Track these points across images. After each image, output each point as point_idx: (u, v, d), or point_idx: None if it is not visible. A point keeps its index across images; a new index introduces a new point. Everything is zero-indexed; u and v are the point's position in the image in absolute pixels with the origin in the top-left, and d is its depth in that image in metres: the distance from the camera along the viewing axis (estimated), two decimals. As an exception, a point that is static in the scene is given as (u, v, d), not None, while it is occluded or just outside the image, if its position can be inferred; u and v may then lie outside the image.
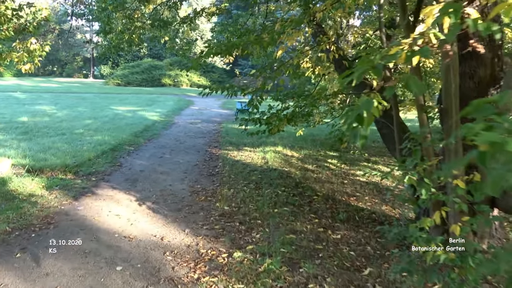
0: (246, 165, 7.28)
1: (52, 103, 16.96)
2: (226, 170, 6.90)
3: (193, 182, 6.18)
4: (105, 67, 42.98)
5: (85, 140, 8.83)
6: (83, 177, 6.23)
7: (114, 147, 8.33)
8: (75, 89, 26.84)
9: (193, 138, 10.19)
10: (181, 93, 27.58)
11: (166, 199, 5.31)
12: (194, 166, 7.22)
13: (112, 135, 9.55)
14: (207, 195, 5.53)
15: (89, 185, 5.78)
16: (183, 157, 7.98)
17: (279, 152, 8.43)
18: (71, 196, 5.23)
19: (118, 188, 5.72)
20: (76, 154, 7.45)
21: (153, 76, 33.64)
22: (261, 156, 8.02)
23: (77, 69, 48.71)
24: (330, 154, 8.68)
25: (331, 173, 7.05)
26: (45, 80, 37.23)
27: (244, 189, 5.79)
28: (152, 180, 6.23)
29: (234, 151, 8.50)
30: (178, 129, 11.75)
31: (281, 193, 5.56)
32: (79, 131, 10.04)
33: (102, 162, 7.14)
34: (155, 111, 15.31)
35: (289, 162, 7.55)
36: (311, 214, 4.85)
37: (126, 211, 4.82)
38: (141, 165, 7.15)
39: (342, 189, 6.05)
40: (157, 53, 42.77)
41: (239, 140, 9.73)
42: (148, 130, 11.04)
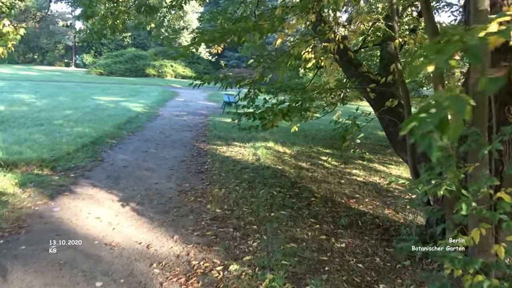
0: (237, 162, 6.86)
1: (31, 92, 16.14)
2: (216, 167, 6.47)
3: (181, 180, 5.74)
4: (87, 56, 41.68)
5: (64, 132, 8.26)
6: (61, 173, 5.72)
7: (95, 140, 7.80)
8: (56, 78, 25.82)
9: (179, 132, 9.71)
10: (165, 84, 26.86)
11: (152, 200, 4.86)
12: (181, 162, 6.76)
13: (94, 127, 9.00)
14: (196, 195, 5.11)
15: (67, 182, 5.28)
16: (169, 152, 7.51)
17: (270, 148, 8.04)
18: (46, 195, 4.73)
19: (99, 186, 5.24)
20: (54, 147, 6.90)
21: (137, 66, 32.69)
22: (252, 152, 7.62)
23: (58, 57, 47.11)
24: (323, 151, 8.34)
25: (327, 171, 6.71)
26: (25, 68, 35.83)
27: (237, 189, 5.38)
28: (136, 177, 5.77)
29: (223, 146, 8.07)
30: (163, 121, 11.23)
31: (276, 194, 5.18)
32: (59, 122, 9.44)
33: (82, 156, 6.62)
34: (139, 102, 14.70)
35: (282, 159, 7.17)
36: (310, 219, 4.48)
37: (108, 213, 4.37)
38: (124, 160, 6.66)
39: (340, 190, 5.70)
40: (142, 43, 41.68)
41: (228, 135, 9.30)
42: (131, 122, 10.50)
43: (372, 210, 4.99)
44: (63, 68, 42.74)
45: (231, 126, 10.82)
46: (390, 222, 4.61)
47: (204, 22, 10.84)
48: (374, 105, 5.31)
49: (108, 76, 31.46)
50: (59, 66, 44.95)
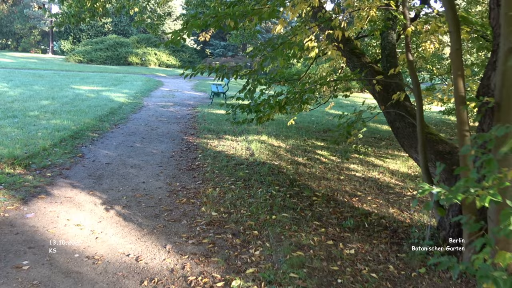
0: (230, 157, 6.42)
1: (4, 80, 15.25)
2: (207, 163, 6.02)
3: (171, 179, 5.28)
4: (65, 43, 40.17)
5: (40, 125, 7.65)
6: (36, 171, 5.18)
7: (75, 134, 7.23)
8: (32, 65, 24.68)
9: (167, 124, 9.18)
10: (149, 72, 26.01)
11: (140, 202, 4.39)
12: (170, 158, 6.28)
13: (73, 119, 8.39)
14: (189, 196, 4.66)
15: (43, 183, 4.75)
16: (156, 146, 7.00)
17: (264, 142, 7.62)
18: (19, 199, 4.21)
19: (79, 187, 4.73)
20: (28, 142, 6.32)
21: (118, 54, 31.59)
22: (245, 147, 7.19)
23: (34, 44, 45.34)
24: (318, 145, 7.97)
25: (324, 167, 6.34)
26: (-2, 55, 34.30)
27: (232, 188, 4.95)
28: (121, 175, 5.27)
29: (214, 140, 7.61)
30: (148, 112, 10.65)
31: (276, 194, 4.78)
32: (34, 114, 8.79)
33: (60, 152, 6.07)
34: (121, 92, 14.02)
35: (277, 154, 6.76)
36: (315, 221, 4.10)
37: (90, 218, 3.89)
38: (108, 157, 6.14)
39: (341, 187, 5.34)
40: (123, 29, 40.43)
41: (218, 127, 8.83)
42: (114, 113, 9.90)
43: (377, 210, 4.64)
44: (40, 55, 41.13)
45: (221, 118, 10.38)
46: (397, 223, 4.27)
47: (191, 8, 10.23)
48: (379, 98, 4.93)
49: (88, 64, 30.36)
50: (35, 53, 43.31)
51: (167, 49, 33.03)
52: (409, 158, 7.39)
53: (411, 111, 4.41)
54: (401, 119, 4.42)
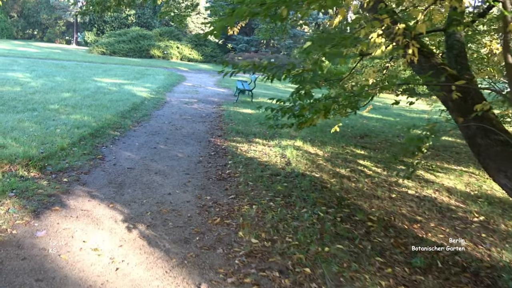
0: (264, 165, 5.75)
1: (27, 70, 14.95)
2: (239, 172, 5.37)
3: (200, 190, 4.64)
4: (89, 34, 40.14)
5: (59, 120, 7.14)
6: (52, 175, 4.62)
7: (95, 132, 6.68)
8: (55, 56, 24.52)
9: (191, 123, 8.57)
10: (171, 66, 25.54)
11: (166, 220, 3.77)
12: (197, 164, 5.65)
13: (93, 115, 7.86)
14: (222, 214, 4.01)
15: (58, 191, 4.18)
16: (182, 149, 6.39)
17: (299, 148, 6.91)
18: (30, 210, 3.64)
19: (98, 197, 4.14)
20: (45, 140, 5.79)
21: (141, 47, 31.23)
22: (279, 153, 6.50)
23: (59, 34, 45.55)
24: (358, 153, 7.22)
25: (371, 181, 5.60)
26: (24, 44, 34.42)
27: (271, 206, 4.28)
28: (144, 184, 4.66)
29: (243, 144, 6.95)
30: (172, 109, 10.07)
31: (324, 216, 4.08)
32: (54, 107, 8.30)
33: (78, 153, 5.51)
34: (144, 86, 13.51)
35: (316, 164, 6.06)
36: (377, 257, 3.39)
37: (110, 241, 3.28)
38: (130, 160, 5.55)
39: (396, 209, 4.61)
40: (146, 22, 40.12)
41: (247, 128, 8.16)
42: (136, 109, 9.35)
43: (445, 241, 3.90)
44: (64, 45, 41.28)
45: (249, 118, 9.71)
46: (476, 261, 3.53)
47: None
48: (453, 108, 4.16)
49: (110, 55, 30.12)
50: (60, 43, 43.54)
51: (189, 42, 32.54)
52: (463, 172, 6.60)
53: (498, 124, 3.64)
54: (484, 134, 3.65)
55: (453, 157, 7.78)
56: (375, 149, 7.76)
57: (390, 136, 9.49)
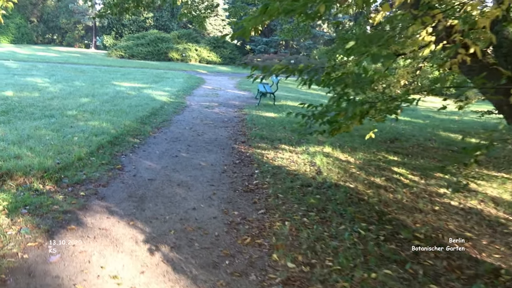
0: (293, 175, 5.35)
1: (46, 75, 14.94)
2: (268, 183, 4.98)
3: (226, 204, 4.28)
4: (108, 37, 40.52)
5: (77, 127, 6.89)
6: (68, 188, 4.33)
7: (114, 139, 6.40)
8: (74, 60, 24.68)
9: (213, 128, 8.24)
10: (190, 69, 25.39)
11: (192, 240, 3.41)
12: (222, 174, 5.30)
13: (112, 121, 7.61)
14: (252, 232, 3.63)
15: (75, 206, 3.88)
16: (204, 156, 6.05)
17: (329, 155, 6.49)
18: (44, 230, 3.34)
19: (117, 214, 3.82)
20: (62, 149, 5.53)
21: (159, 49, 31.24)
22: (308, 161, 6.09)
23: (78, 38, 46.16)
24: (391, 159, 6.75)
25: (410, 191, 5.14)
26: (43, 49, 34.93)
27: (305, 222, 3.88)
28: (166, 198, 4.33)
29: (269, 151, 6.56)
30: (192, 114, 9.77)
31: (365, 234, 3.66)
32: (72, 113, 8.09)
33: (96, 163, 5.22)
34: (163, 90, 13.28)
35: (348, 173, 5.62)
36: (431, 285, 2.96)
37: (130, 266, 2.94)
38: (150, 170, 5.24)
39: (442, 224, 4.14)
40: (164, 25, 40.27)
41: (272, 134, 7.77)
42: (156, 114, 9.08)
43: (504, 263, 3.43)
44: (83, 49, 41.77)
45: (272, 122, 9.32)
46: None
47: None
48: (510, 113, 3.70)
49: (129, 59, 30.23)
50: (79, 47, 44.09)
51: (208, 45, 32.40)
52: (506, 180, 6.07)
53: None
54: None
55: (491, 162, 7.23)
56: (407, 155, 7.27)
57: (422, 140, 8.95)
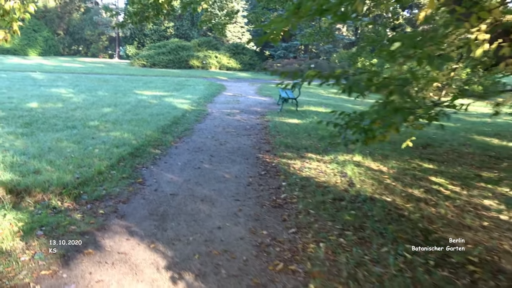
0: (323, 187, 4.98)
1: (70, 86, 15.06)
2: (296, 197, 4.63)
3: (254, 222, 3.95)
4: (130, 47, 41.14)
5: (98, 138, 6.73)
6: (87, 206, 4.10)
7: (135, 151, 6.18)
8: (98, 70, 25.00)
9: (235, 136, 7.95)
10: (210, 76, 25.33)
11: (218, 266, 3.09)
12: (247, 187, 4.98)
13: (134, 131, 7.42)
14: (284, 256, 3.29)
15: (93, 227, 3.63)
16: (228, 168, 5.76)
17: (360, 164, 6.08)
18: (59, 256, 3.09)
19: (137, 235, 3.55)
20: (83, 162, 5.34)
21: (180, 57, 31.38)
22: (338, 171, 5.70)
23: (102, 49, 47.06)
24: (427, 167, 6.29)
25: (453, 204, 4.68)
26: (69, 60, 35.70)
27: (342, 243, 3.51)
28: (189, 215, 4.04)
29: (295, 160, 6.21)
30: (214, 122, 9.52)
31: (411, 259, 3.26)
32: (94, 124, 7.96)
33: (117, 176, 5.00)
34: (184, 98, 13.13)
35: (383, 184, 5.21)
36: (497, 323, 2.54)
37: (150, 298, 2.64)
38: (172, 183, 4.97)
39: (495, 244, 3.69)
40: (184, 33, 40.58)
41: (297, 142, 7.41)
42: (178, 123, 8.87)
43: None
44: (107, 59, 42.52)
45: (296, 129, 8.97)
46: None
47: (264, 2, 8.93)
48: None
49: (151, 68, 30.49)
50: (103, 57, 44.92)
51: (227, 51, 32.35)
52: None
53: None
54: None
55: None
56: (443, 162, 6.79)
57: (456, 145, 8.41)
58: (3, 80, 15.54)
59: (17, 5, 3.64)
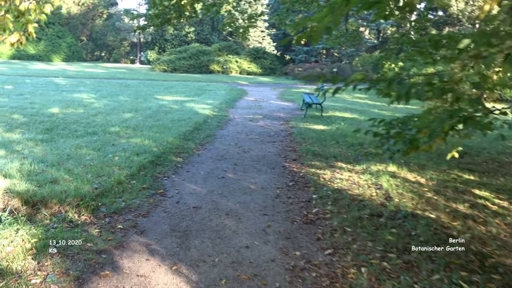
0: (358, 201, 4.58)
1: (92, 91, 15.06)
2: (329, 211, 4.25)
3: (285, 240, 3.59)
4: (151, 52, 41.50)
5: (119, 145, 6.50)
6: (105, 219, 3.83)
7: (156, 159, 5.92)
8: (120, 75, 25.14)
9: (260, 143, 7.62)
10: (231, 80, 25.15)
11: (248, 294, 2.75)
12: (275, 200, 4.63)
13: (154, 137, 7.18)
14: (322, 283, 2.91)
15: (111, 244, 3.34)
16: (254, 178, 5.42)
17: (395, 174, 5.64)
18: (73, 278, 2.80)
19: (158, 254, 3.24)
20: (102, 171, 5.10)
21: (201, 62, 31.36)
22: (372, 182, 5.29)
23: (124, 55, 47.70)
24: (467, 178, 5.79)
25: (503, 222, 4.21)
26: (92, 65, 36.19)
27: (386, 268, 3.11)
28: (214, 232, 3.71)
29: (325, 170, 5.82)
30: (236, 128, 9.22)
31: (469, 289, 2.84)
32: (115, 130, 7.77)
33: (137, 187, 4.72)
34: (205, 103, 12.90)
35: (424, 198, 4.76)
36: None
37: (173, 333, 2.32)
38: (195, 195, 4.67)
39: None
40: (205, 38, 40.68)
41: (324, 149, 7.02)
42: (199, 129, 8.60)
43: None
44: (128, 65, 43.01)
45: (322, 135, 8.57)
46: None
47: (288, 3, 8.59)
48: None
49: (171, 72, 30.56)
50: (125, 63, 45.49)
51: (248, 56, 32.17)
52: None
53: None
54: None
55: None
56: (484, 172, 6.27)
57: (494, 153, 7.84)
58: (27, 86, 15.68)
59: (33, 6, 3.42)
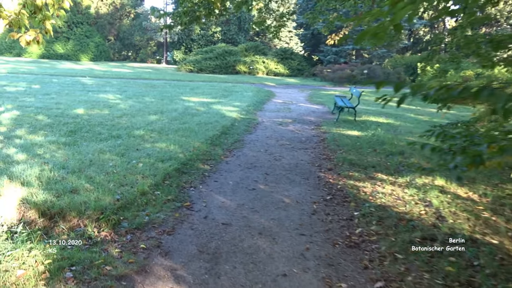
0: (406, 220, 4.06)
1: (118, 91, 14.97)
2: (375, 232, 3.76)
3: (327, 267, 3.14)
4: (177, 52, 41.61)
5: (143, 150, 6.19)
6: (127, 237, 3.48)
7: (182, 166, 5.57)
8: (146, 75, 25.17)
9: (291, 150, 7.16)
10: (257, 81, 24.74)
11: None
12: (312, 216, 4.17)
13: (180, 142, 6.85)
14: (377, 328, 2.45)
15: (132, 268, 2.97)
16: (287, 190, 4.98)
17: (443, 189, 5.07)
18: (88, 311, 2.44)
19: (184, 281, 2.85)
20: (124, 180, 4.77)
21: (227, 63, 31.11)
22: (419, 197, 4.75)
23: (150, 54, 48.13)
24: (526, 195, 5.16)
25: None
26: (118, 65, 36.57)
27: (453, 311, 2.61)
28: (246, 254, 3.29)
29: (364, 182, 5.31)
30: (265, 132, 8.80)
31: None
32: (139, 133, 7.49)
33: (161, 198, 4.37)
34: (232, 105, 12.54)
35: (481, 218, 4.19)
36: None
37: None
38: (224, 209, 4.27)
39: None
40: (232, 38, 40.47)
41: (362, 158, 6.49)
42: (227, 133, 8.23)
43: None
44: (155, 65, 43.32)
45: (358, 142, 8.01)
46: None
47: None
48: None
49: (197, 73, 30.46)
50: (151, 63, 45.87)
51: (275, 56, 31.71)
52: None
53: None
54: None
55: None
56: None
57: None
58: (54, 85, 15.75)
59: (51, 1, 3.09)
